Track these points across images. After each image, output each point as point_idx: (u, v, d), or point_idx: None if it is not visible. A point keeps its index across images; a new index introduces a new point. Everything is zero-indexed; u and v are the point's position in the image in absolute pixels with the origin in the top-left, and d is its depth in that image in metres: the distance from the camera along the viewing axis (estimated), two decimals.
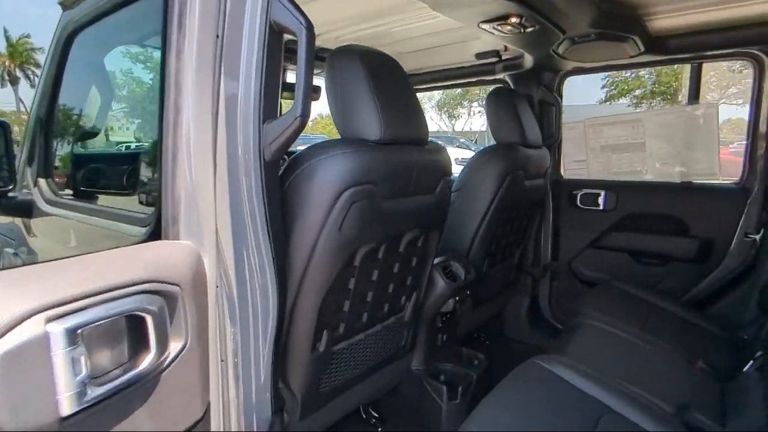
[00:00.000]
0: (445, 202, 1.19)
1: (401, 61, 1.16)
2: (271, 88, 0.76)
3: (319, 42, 1.83)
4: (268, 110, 0.77)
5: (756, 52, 1.74)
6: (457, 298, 1.52)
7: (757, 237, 1.78)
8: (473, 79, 2.24)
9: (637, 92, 10.88)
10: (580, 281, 2.16)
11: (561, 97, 2.15)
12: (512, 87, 2.10)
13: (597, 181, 2.13)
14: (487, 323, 2.11)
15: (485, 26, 1.40)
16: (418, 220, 1.13)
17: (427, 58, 2.12)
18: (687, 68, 1.96)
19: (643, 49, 1.70)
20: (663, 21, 1.63)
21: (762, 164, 1.78)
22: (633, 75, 10.66)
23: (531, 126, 1.79)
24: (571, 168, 2.22)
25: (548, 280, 2.21)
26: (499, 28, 1.40)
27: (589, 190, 2.10)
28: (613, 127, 2.08)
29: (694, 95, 1.92)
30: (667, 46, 1.74)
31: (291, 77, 1.81)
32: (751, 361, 1.19)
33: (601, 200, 2.07)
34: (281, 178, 0.88)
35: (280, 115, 0.78)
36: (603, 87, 10.84)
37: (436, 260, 1.43)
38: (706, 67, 1.92)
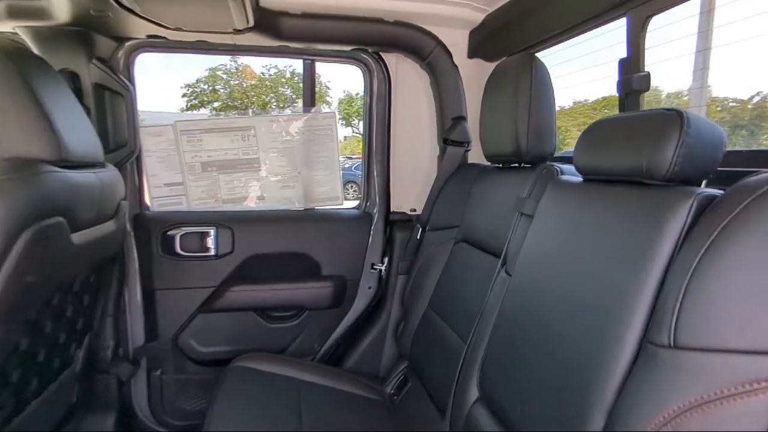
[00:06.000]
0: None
1: None
2: None
3: None
4: None
5: (365, 57, 1.71)
6: None
7: (383, 268, 1.84)
8: None
9: (216, 104, 12.86)
10: (196, 362, 1.65)
11: (133, 82, 1.53)
12: (36, 53, 1.28)
13: (203, 213, 1.65)
14: None
15: None
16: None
17: None
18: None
19: (252, 22, 1.38)
20: None
21: (378, 185, 1.83)
22: (210, 87, 12.63)
23: (76, 127, 1.12)
24: (160, 195, 1.63)
25: (145, 374, 1.59)
26: None
27: (192, 229, 1.59)
28: (218, 135, 1.73)
29: (310, 101, 1.82)
30: (279, 27, 1.49)
31: None
32: None
33: (211, 242, 1.63)
34: None
35: None
36: (183, 95, 12.31)
37: None
38: None
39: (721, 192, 0.61)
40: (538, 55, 1.50)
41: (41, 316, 1.06)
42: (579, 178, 0.89)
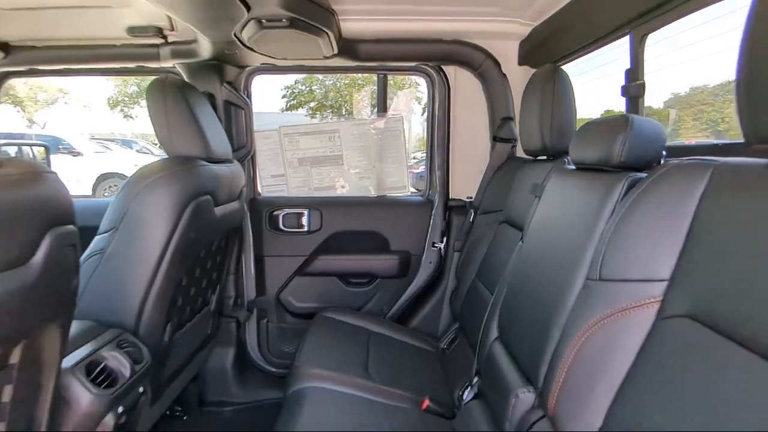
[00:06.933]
0: (63, 272, 1.04)
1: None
2: None
3: None
4: None
5: (428, 68, 2.04)
6: (121, 408, 1.12)
7: (441, 246, 2.15)
8: (130, 65, 1.86)
9: (312, 104, 13.33)
10: (292, 314, 2.11)
11: (250, 98, 2.01)
12: (187, 80, 1.80)
13: (298, 198, 2.09)
14: (183, 390, 1.90)
15: None
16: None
17: (48, 24, 1.63)
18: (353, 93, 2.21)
19: (336, 50, 1.78)
20: (354, 24, 1.73)
21: (439, 176, 2.14)
22: (307, 89, 13.02)
23: (216, 134, 1.59)
24: (268, 184, 2.11)
25: (255, 320, 2.07)
26: None
27: (291, 210, 2.04)
28: (311, 137, 2.15)
29: (382, 107, 2.18)
30: (357, 51, 1.88)
31: None
32: (468, 387, 1.36)
33: (304, 220, 2.06)
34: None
35: None
36: (284, 97, 13.16)
37: (73, 358, 1.04)
38: None
39: (646, 175, 0.84)
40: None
41: (194, 264, 1.54)
42: (573, 167, 1.14)
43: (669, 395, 0.66)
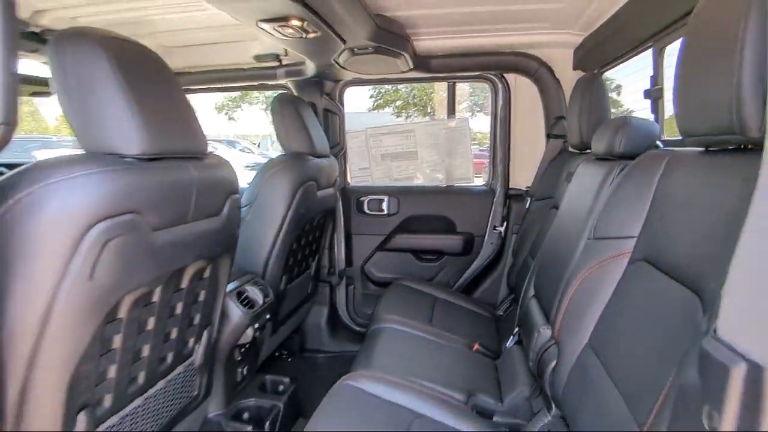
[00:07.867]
0: (234, 224, 1.19)
1: (167, 57, 1.32)
2: None
3: (46, 22, 1.67)
4: None
5: (491, 76, 2.36)
6: (256, 325, 1.56)
7: (502, 229, 2.43)
8: (254, 83, 2.37)
9: (398, 103, 13.81)
10: (373, 283, 2.52)
11: (343, 106, 2.45)
12: (296, 94, 2.31)
13: (380, 187, 2.50)
14: (288, 338, 2.43)
15: (265, 26, 1.44)
16: (203, 249, 1.08)
17: (200, 55, 2.16)
18: (437, 88, 2.55)
19: (412, 65, 2.16)
20: (426, 42, 2.11)
21: (500, 169, 2.43)
22: (393, 89, 13.37)
23: (318, 135, 2.05)
24: (356, 176, 2.54)
25: (344, 286, 2.50)
26: (279, 29, 1.47)
27: (374, 197, 2.45)
28: (391, 136, 2.54)
29: (451, 110, 2.51)
30: (430, 65, 2.26)
31: None
32: (511, 336, 1.66)
33: (385, 205, 2.47)
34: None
35: None
36: (371, 97, 13.53)
37: (229, 287, 1.44)
38: None
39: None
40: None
41: (301, 235, 2.01)
42: (594, 157, 1.41)
43: (625, 314, 0.95)
